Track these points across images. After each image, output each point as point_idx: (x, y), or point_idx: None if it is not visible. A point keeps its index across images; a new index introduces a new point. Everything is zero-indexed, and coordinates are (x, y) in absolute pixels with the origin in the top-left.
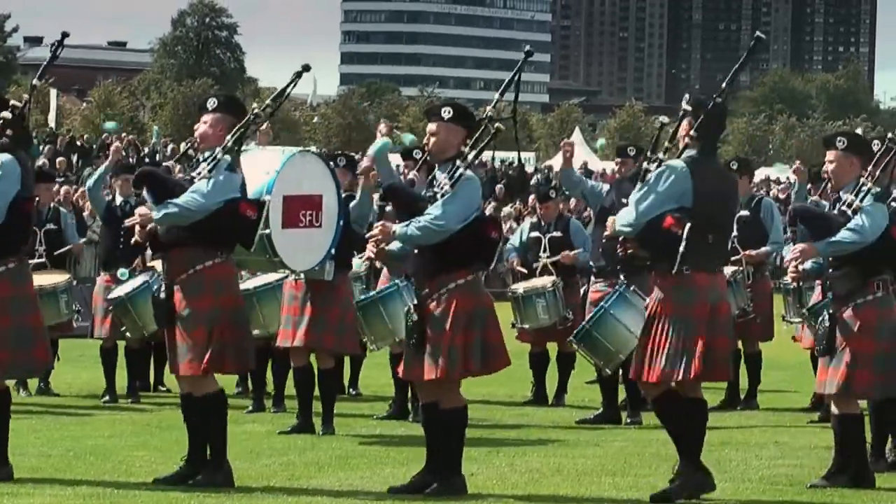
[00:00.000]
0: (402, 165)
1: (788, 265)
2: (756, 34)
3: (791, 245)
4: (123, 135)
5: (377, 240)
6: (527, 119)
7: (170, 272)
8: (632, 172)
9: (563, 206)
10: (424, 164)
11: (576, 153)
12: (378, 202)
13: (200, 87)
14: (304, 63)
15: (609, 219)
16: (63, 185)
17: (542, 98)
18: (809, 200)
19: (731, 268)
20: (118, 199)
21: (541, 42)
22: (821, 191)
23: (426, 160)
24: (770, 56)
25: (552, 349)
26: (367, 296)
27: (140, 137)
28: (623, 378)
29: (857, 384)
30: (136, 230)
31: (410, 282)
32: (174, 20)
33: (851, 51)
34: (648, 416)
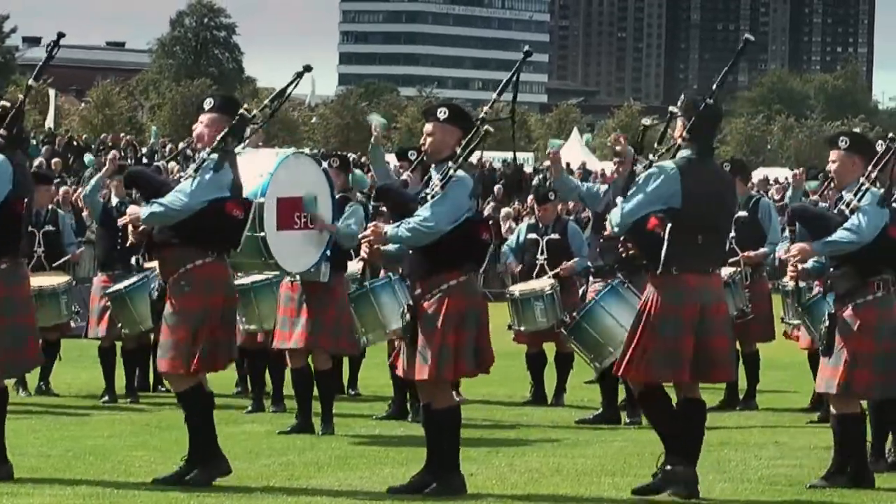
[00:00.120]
0: (398, 166)
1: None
2: (745, 36)
3: (784, 244)
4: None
5: (369, 241)
6: (525, 119)
7: (163, 272)
8: (627, 172)
9: (562, 208)
10: (420, 165)
11: (574, 153)
12: (372, 203)
13: (199, 88)
14: (306, 63)
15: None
16: (62, 186)
17: (541, 98)
18: (809, 200)
19: (729, 269)
20: (114, 200)
21: (539, 42)
22: (821, 191)
23: (422, 160)
24: (768, 56)
25: (549, 349)
26: (359, 287)
27: (138, 138)
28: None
29: (857, 384)
30: (129, 230)
31: (405, 281)
32: (173, 20)
33: (850, 51)
34: None
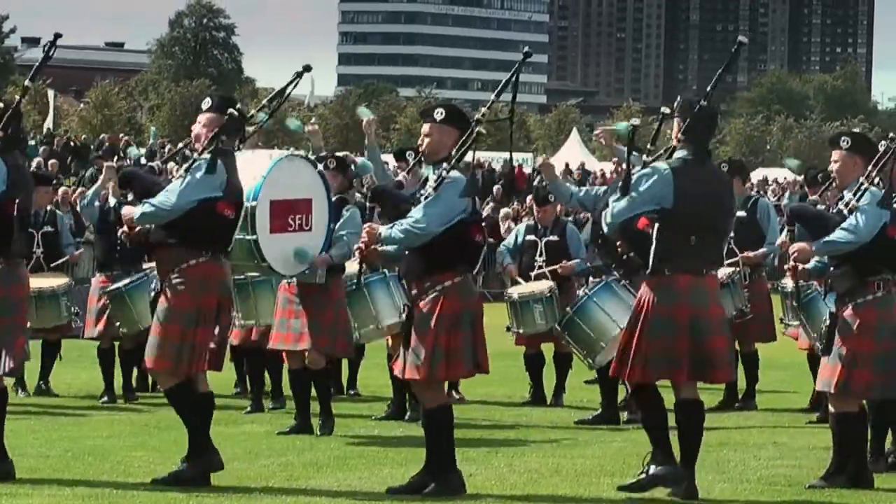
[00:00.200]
0: (396, 166)
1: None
2: (738, 38)
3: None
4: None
5: (364, 242)
6: (524, 120)
7: (160, 272)
8: (624, 173)
9: (561, 210)
10: (418, 165)
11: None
12: (368, 203)
13: (198, 88)
14: (305, 63)
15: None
16: (61, 187)
17: (540, 99)
18: (808, 200)
19: (728, 269)
20: (112, 201)
21: (538, 43)
22: (821, 191)
23: (419, 161)
24: (767, 57)
25: (548, 350)
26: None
27: (137, 138)
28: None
29: (857, 384)
30: (126, 230)
31: (401, 281)
32: (172, 21)
33: (849, 51)
34: None
